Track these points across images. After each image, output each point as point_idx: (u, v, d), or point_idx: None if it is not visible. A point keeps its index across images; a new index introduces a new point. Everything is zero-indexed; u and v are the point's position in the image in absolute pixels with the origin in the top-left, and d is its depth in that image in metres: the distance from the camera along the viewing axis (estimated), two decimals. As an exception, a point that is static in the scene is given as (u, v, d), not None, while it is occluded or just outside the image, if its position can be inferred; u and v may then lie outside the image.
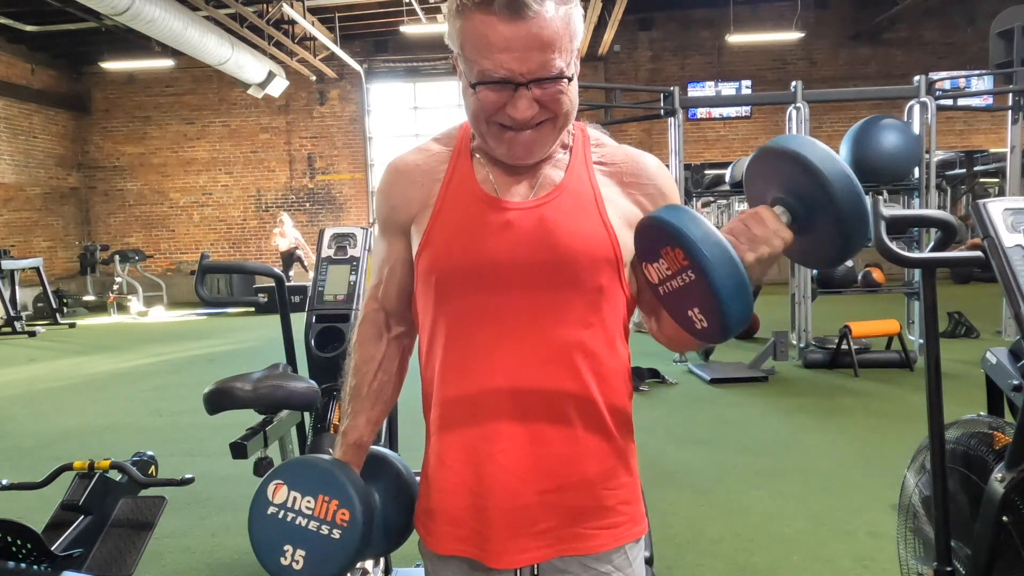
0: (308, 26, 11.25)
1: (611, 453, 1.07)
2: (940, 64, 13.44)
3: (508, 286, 1.02)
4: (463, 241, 1.03)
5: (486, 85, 0.96)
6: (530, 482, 1.04)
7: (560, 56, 0.94)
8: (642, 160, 1.10)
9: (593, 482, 1.06)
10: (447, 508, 1.08)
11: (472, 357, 1.05)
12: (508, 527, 1.04)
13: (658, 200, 1.08)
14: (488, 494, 1.04)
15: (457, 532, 1.07)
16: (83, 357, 8.53)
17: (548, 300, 1.02)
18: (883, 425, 4.65)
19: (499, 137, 1.00)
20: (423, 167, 1.10)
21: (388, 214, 1.12)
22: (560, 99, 0.97)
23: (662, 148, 7.78)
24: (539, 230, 1.02)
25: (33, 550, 1.82)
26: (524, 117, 0.96)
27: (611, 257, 1.03)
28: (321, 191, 14.64)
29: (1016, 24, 7.06)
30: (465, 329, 1.05)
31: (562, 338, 1.03)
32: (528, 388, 1.03)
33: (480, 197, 1.05)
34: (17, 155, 13.20)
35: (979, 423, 1.94)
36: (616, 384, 1.08)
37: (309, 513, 1.08)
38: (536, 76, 0.94)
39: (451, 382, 1.07)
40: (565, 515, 1.05)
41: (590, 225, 1.03)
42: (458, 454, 1.06)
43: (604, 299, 1.05)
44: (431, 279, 1.06)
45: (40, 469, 2.23)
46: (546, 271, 1.02)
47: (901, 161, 6.24)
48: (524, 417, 1.03)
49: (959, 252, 1.99)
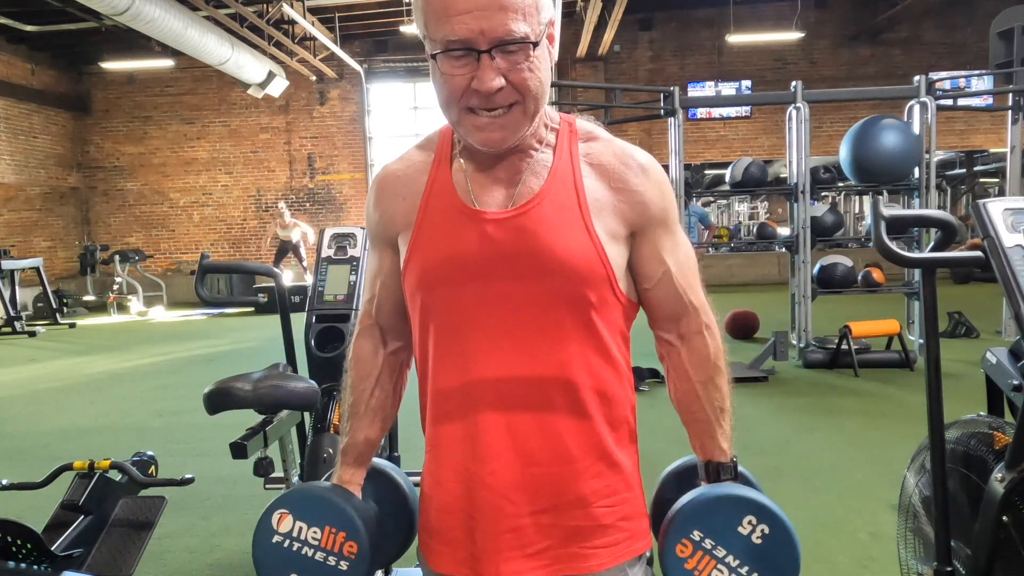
0: (308, 26, 11.25)
1: (608, 470, 1.04)
2: (940, 64, 13.43)
3: (491, 297, 0.99)
4: (442, 256, 1.01)
5: (447, 53, 0.92)
6: (521, 504, 1.01)
7: (524, 21, 0.90)
8: (634, 159, 1.04)
9: (589, 500, 1.02)
10: (444, 529, 1.06)
11: (460, 372, 1.02)
12: (501, 549, 1.01)
13: (645, 206, 1.03)
14: (479, 516, 1.02)
15: (455, 554, 1.05)
16: (83, 357, 8.53)
17: (533, 316, 0.99)
18: (883, 425, 4.64)
19: (470, 122, 0.96)
20: (404, 179, 1.08)
21: (376, 228, 1.11)
22: (526, 77, 0.93)
23: (662, 148, 7.78)
24: (517, 242, 0.98)
25: (33, 550, 1.82)
26: (489, 88, 0.91)
27: (600, 272, 0.99)
28: (321, 191, 14.64)
29: (1016, 24, 7.06)
30: (451, 344, 1.03)
31: (551, 354, 0.99)
32: (518, 408, 1.00)
33: (458, 209, 1.01)
34: (17, 155, 13.19)
35: (979, 423, 1.93)
36: (614, 396, 1.04)
37: (316, 544, 1.07)
38: (498, 38, 0.90)
39: (441, 401, 1.05)
40: (560, 535, 1.02)
41: (574, 238, 0.98)
42: (451, 474, 1.05)
43: (596, 312, 1.00)
44: (417, 297, 1.04)
45: (40, 469, 2.22)
46: (528, 282, 0.98)
47: (901, 161, 6.24)
48: (515, 438, 1.01)
49: (959, 252, 1.98)
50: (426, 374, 1.07)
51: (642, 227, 1.04)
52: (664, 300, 1.08)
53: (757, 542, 0.98)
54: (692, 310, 1.09)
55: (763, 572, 0.98)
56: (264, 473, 2.28)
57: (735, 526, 0.99)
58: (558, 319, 0.99)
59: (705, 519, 1.00)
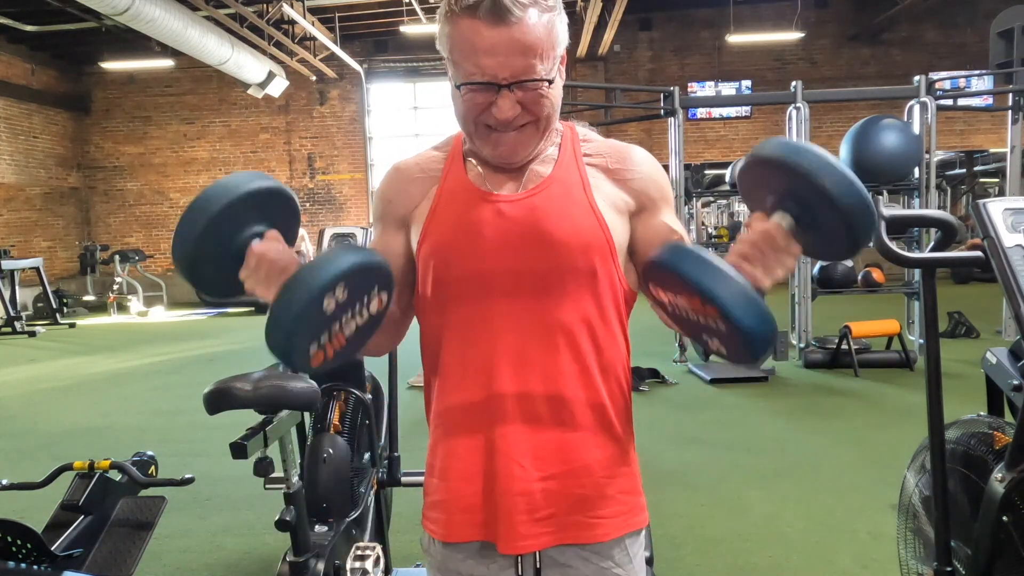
0: (308, 26, 11.25)
1: (611, 441, 1.10)
2: (940, 64, 13.44)
3: (504, 272, 1.05)
4: (458, 230, 1.07)
5: (470, 86, 1.00)
6: (531, 468, 1.06)
7: (541, 61, 0.99)
8: (628, 150, 1.13)
9: (593, 469, 1.08)
10: (462, 496, 1.09)
11: (473, 344, 1.07)
12: (514, 512, 1.06)
13: (645, 189, 1.10)
14: (495, 479, 1.07)
15: (472, 519, 1.09)
16: (83, 357, 8.53)
17: (544, 284, 1.05)
18: (883, 425, 4.65)
19: (485, 138, 1.04)
20: (422, 166, 1.15)
21: (385, 207, 1.16)
22: (541, 102, 1.02)
23: (662, 148, 7.78)
24: (530, 218, 1.06)
25: (33, 550, 1.82)
26: (506, 118, 1.00)
27: (602, 243, 1.06)
28: (321, 191, 14.64)
29: (1016, 24, 7.07)
30: (464, 316, 1.08)
31: (561, 320, 1.06)
32: (529, 372, 1.05)
33: (473, 192, 1.09)
34: (17, 155, 13.20)
35: (979, 423, 1.94)
36: (616, 372, 1.11)
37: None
38: (517, 76, 0.98)
39: (454, 365, 1.09)
40: (566, 502, 1.07)
41: (579, 213, 1.07)
42: (468, 442, 1.09)
43: (599, 283, 1.07)
44: (429, 268, 1.09)
45: (40, 469, 2.23)
46: (539, 256, 1.05)
47: (901, 161, 6.25)
48: (525, 402, 1.06)
49: (959, 252, 1.98)
50: (437, 344, 1.11)
51: (646, 204, 1.11)
52: None
53: None
54: None
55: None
56: (264, 473, 2.27)
57: None
58: (566, 288, 1.06)
59: None
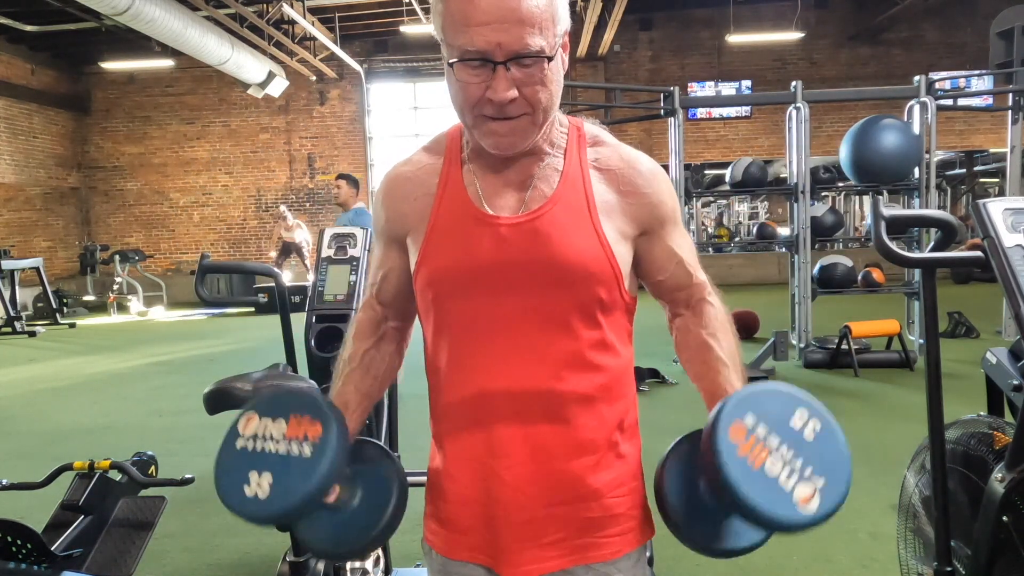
0: (308, 26, 11.25)
1: (617, 460, 1.07)
2: (940, 64, 13.44)
3: (505, 301, 1.02)
4: (457, 258, 1.03)
5: (464, 62, 0.95)
6: (536, 498, 1.03)
7: (540, 35, 0.93)
8: (637, 165, 1.08)
9: (601, 492, 1.05)
10: (458, 518, 1.08)
11: (473, 369, 1.04)
12: (519, 539, 1.04)
13: (654, 211, 1.07)
14: (497, 508, 1.04)
15: (469, 540, 1.07)
16: (83, 357, 8.53)
17: (546, 313, 1.02)
18: (883, 425, 4.64)
19: (482, 128, 0.99)
20: (414, 181, 1.10)
21: (383, 225, 1.14)
22: (538, 90, 0.96)
23: (662, 148, 7.78)
24: (531, 245, 1.01)
25: (33, 550, 1.82)
26: (503, 98, 0.94)
27: (608, 273, 1.03)
28: (321, 191, 14.63)
29: (1016, 24, 7.07)
30: (465, 341, 1.05)
31: (562, 349, 1.02)
32: (530, 400, 1.03)
33: (471, 214, 1.04)
34: (17, 155, 13.20)
35: (979, 423, 1.94)
36: (619, 390, 1.08)
37: (279, 436, 0.96)
38: (514, 52, 0.93)
39: (453, 392, 1.07)
40: (576, 527, 1.05)
41: (585, 241, 1.02)
42: (464, 466, 1.06)
43: (605, 311, 1.05)
44: (428, 295, 1.06)
45: (40, 469, 2.22)
46: (542, 285, 1.01)
47: (901, 161, 6.24)
48: (527, 429, 1.03)
49: (959, 252, 1.98)
50: (438, 382, 1.09)
51: (653, 226, 1.08)
52: (675, 283, 1.14)
53: (810, 439, 0.91)
54: (698, 283, 1.15)
55: (817, 470, 0.90)
56: (264, 473, 2.28)
57: (788, 418, 0.92)
58: (569, 319, 1.03)
59: (758, 406, 0.92)
